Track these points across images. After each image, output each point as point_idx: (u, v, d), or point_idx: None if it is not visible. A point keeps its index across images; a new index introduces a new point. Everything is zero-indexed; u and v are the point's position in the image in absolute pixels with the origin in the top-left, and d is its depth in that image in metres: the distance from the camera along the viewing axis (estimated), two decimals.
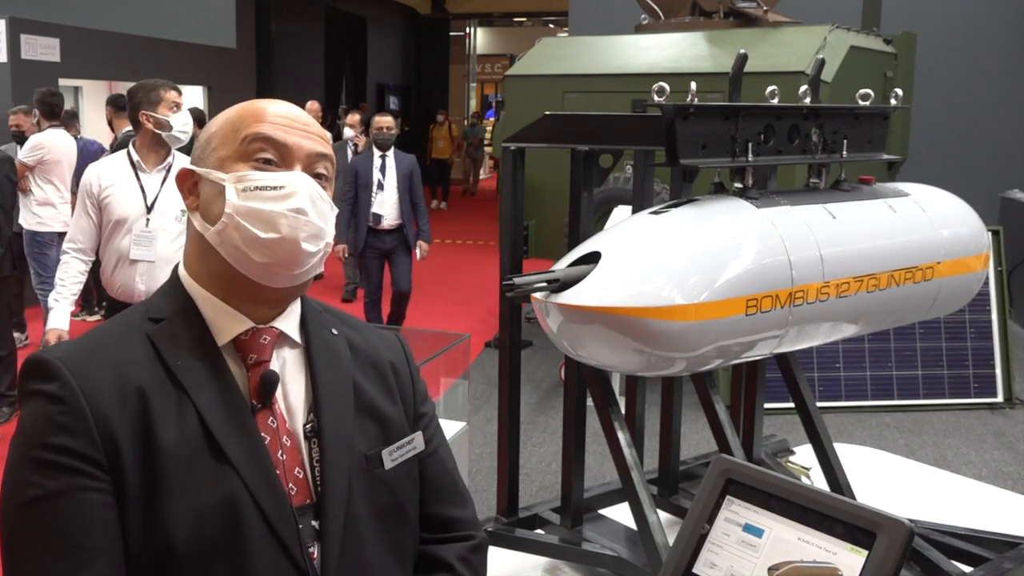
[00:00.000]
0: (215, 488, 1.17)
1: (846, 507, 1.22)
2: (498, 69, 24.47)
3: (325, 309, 1.40)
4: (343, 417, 1.30)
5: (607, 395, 2.20)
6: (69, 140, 6.94)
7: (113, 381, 1.17)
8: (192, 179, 1.29)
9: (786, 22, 6.99)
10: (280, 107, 1.29)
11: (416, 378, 1.45)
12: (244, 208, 1.22)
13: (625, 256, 1.91)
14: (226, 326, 1.26)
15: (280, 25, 16.73)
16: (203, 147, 1.29)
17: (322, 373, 1.31)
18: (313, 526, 1.24)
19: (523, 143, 2.31)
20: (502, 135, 8.72)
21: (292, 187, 1.23)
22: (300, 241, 1.23)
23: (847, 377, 6.11)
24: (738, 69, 2.16)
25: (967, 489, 3.19)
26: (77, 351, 1.20)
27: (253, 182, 1.23)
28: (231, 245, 1.22)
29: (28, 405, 1.18)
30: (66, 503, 1.12)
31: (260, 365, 1.26)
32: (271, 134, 1.25)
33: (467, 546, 1.43)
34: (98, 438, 1.14)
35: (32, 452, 1.14)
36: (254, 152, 1.25)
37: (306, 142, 1.27)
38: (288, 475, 1.23)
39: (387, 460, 1.33)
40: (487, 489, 4.67)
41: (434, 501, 1.41)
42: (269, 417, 1.25)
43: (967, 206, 2.54)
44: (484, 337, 7.55)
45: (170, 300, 1.28)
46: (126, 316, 1.28)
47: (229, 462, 1.18)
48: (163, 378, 1.20)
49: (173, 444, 1.16)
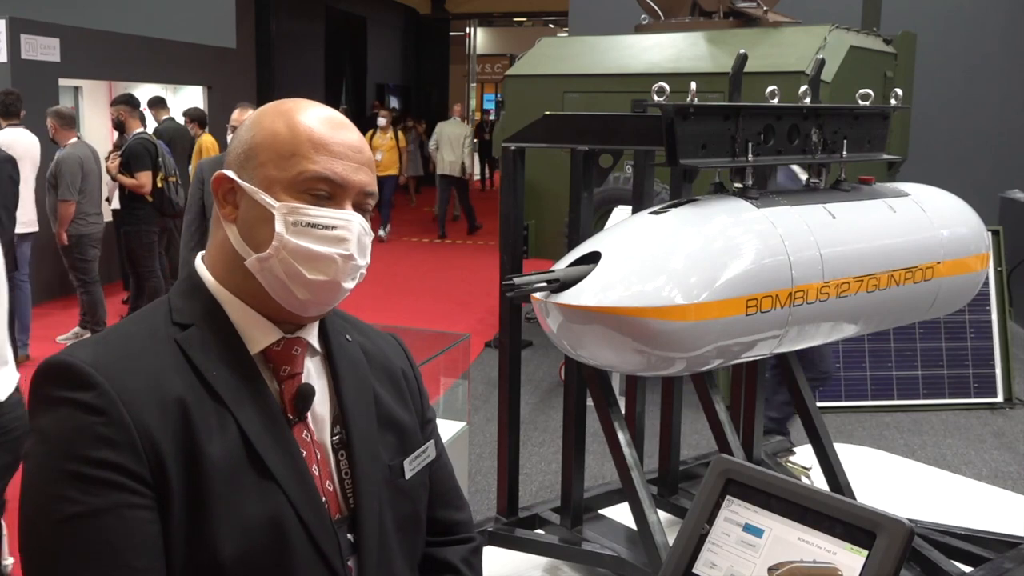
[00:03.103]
0: (260, 505, 1.14)
1: (846, 507, 1.22)
2: (498, 69, 24.48)
3: (336, 313, 1.37)
4: (368, 428, 1.29)
5: (607, 395, 2.20)
6: (31, 139, 6.91)
7: (151, 390, 1.12)
8: (229, 185, 1.22)
9: (786, 22, 6.99)
10: (331, 128, 1.22)
11: (421, 383, 1.46)
12: (294, 245, 1.17)
13: (625, 256, 1.91)
14: (258, 335, 1.22)
15: (280, 25, 16.74)
16: (245, 156, 1.22)
17: (346, 383, 1.30)
18: (348, 539, 1.23)
19: (523, 143, 2.31)
20: (502, 135, 8.71)
21: (344, 229, 1.20)
22: (343, 283, 1.21)
23: (847, 377, 6.11)
24: (738, 69, 2.16)
25: (967, 489, 3.18)
26: (107, 355, 1.13)
27: (306, 218, 1.18)
28: (272, 276, 1.19)
29: (55, 414, 1.10)
30: (112, 521, 1.07)
31: (294, 378, 1.24)
32: (330, 175, 1.19)
33: (468, 548, 1.45)
34: (143, 452, 1.09)
35: (68, 466, 1.07)
36: (309, 186, 1.19)
37: (358, 177, 1.22)
38: (322, 488, 1.23)
39: (407, 470, 1.33)
40: (487, 489, 4.67)
41: (439, 505, 1.42)
42: (303, 431, 1.23)
43: (967, 206, 2.53)
44: (484, 337, 7.55)
45: (195, 304, 1.22)
46: (148, 318, 1.22)
47: (272, 477, 1.16)
48: (199, 389, 1.15)
49: (217, 458, 1.13)
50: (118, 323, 1.26)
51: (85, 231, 7.06)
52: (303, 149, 1.19)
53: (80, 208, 6.98)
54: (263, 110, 1.26)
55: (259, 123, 1.23)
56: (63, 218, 6.95)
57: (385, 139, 13.06)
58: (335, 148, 1.21)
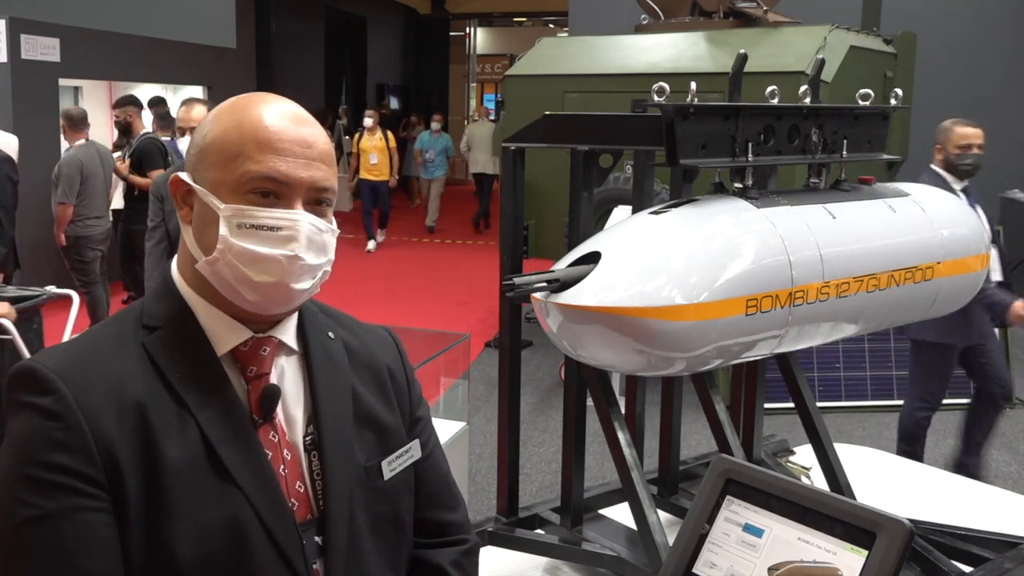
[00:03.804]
0: (219, 507, 1.14)
1: (846, 507, 1.22)
2: (498, 69, 24.45)
3: (321, 309, 1.37)
4: (343, 428, 1.27)
5: (607, 395, 2.20)
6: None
7: (110, 395, 1.13)
8: (185, 187, 1.22)
9: (786, 22, 6.99)
10: (281, 124, 1.20)
11: (412, 381, 1.43)
12: (238, 247, 1.16)
13: (625, 256, 1.91)
14: (225, 336, 1.22)
15: (280, 25, 16.74)
16: (198, 158, 1.22)
17: (320, 382, 1.28)
18: (316, 542, 1.22)
19: (523, 143, 2.31)
20: (502, 135, 8.69)
21: (290, 229, 1.17)
22: (292, 285, 1.19)
23: (847, 377, 6.11)
24: (738, 69, 2.16)
25: (967, 489, 3.18)
26: (70, 361, 1.15)
27: (250, 219, 1.16)
28: (222, 279, 1.18)
29: (19, 419, 1.12)
30: (66, 524, 1.08)
31: (260, 378, 1.23)
32: (275, 175, 1.17)
33: (460, 550, 1.41)
34: (97, 456, 1.10)
35: (26, 470, 1.09)
36: (253, 187, 1.17)
37: (308, 173, 1.19)
38: (290, 490, 1.21)
39: (386, 471, 1.30)
40: (487, 489, 4.67)
41: (428, 506, 1.39)
42: (271, 432, 1.22)
43: (967, 206, 2.53)
44: (484, 337, 7.55)
45: (165, 306, 1.23)
46: (119, 322, 1.23)
47: (233, 481, 1.15)
48: (162, 392, 1.16)
49: (175, 462, 1.13)
50: (90, 327, 1.26)
51: (84, 233, 7.07)
52: (247, 149, 1.18)
53: (78, 211, 6.99)
54: (220, 107, 1.24)
55: (213, 122, 1.22)
56: (60, 220, 6.99)
57: (374, 140, 12.12)
58: (281, 146, 1.18)
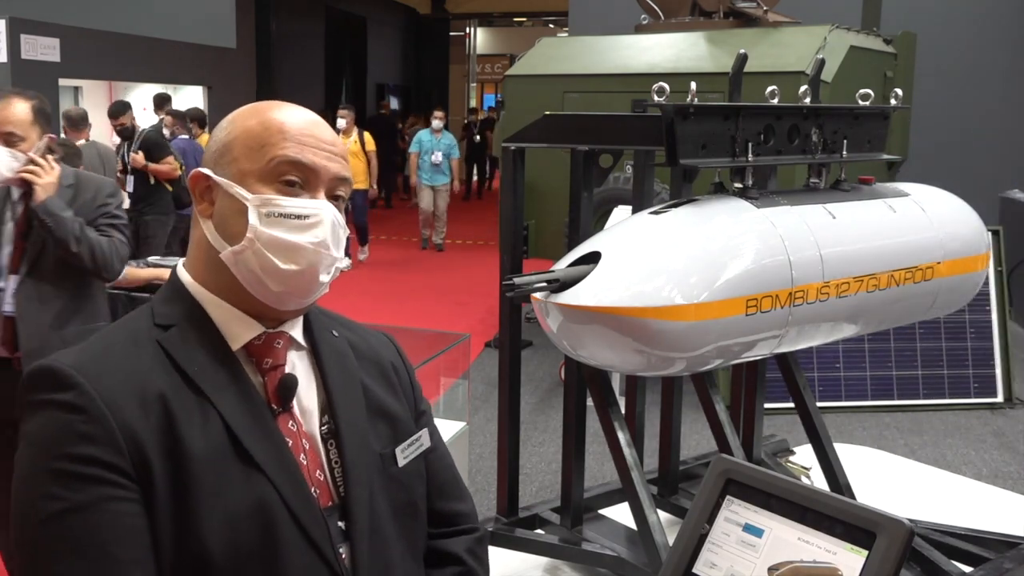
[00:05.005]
0: (245, 493, 1.16)
1: (846, 507, 1.22)
2: (498, 69, 24.47)
3: (321, 311, 1.40)
4: (357, 417, 1.31)
5: (607, 395, 2.20)
6: None
7: (132, 389, 1.14)
8: (206, 183, 1.25)
9: (786, 22, 6.99)
10: (303, 121, 1.25)
11: (413, 376, 1.47)
12: (267, 235, 1.19)
13: (625, 256, 1.91)
14: (238, 331, 1.24)
15: (280, 25, 16.76)
16: (220, 152, 1.25)
17: (332, 375, 1.31)
18: (340, 527, 1.24)
19: (523, 143, 2.31)
20: (502, 135, 8.71)
21: (317, 217, 1.21)
22: (319, 274, 1.22)
23: (847, 377, 6.11)
24: (738, 69, 2.16)
25: (967, 489, 3.18)
26: (87, 359, 1.16)
27: (278, 208, 1.20)
28: (247, 269, 1.21)
29: (39, 416, 1.13)
30: (96, 515, 1.09)
31: (276, 369, 1.25)
32: (300, 158, 1.22)
33: (472, 538, 1.46)
34: (124, 447, 1.11)
35: (53, 465, 1.10)
36: (280, 174, 1.21)
37: (331, 164, 1.25)
38: (311, 477, 1.24)
39: (400, 458, 1.34)
40: (487, 489, 4.67)
41: (438, 496, 1.43)
42: (289, 421, 1.25)
43: (967, 206, 2.53)
44: (484, 337, 7.55)
45: (176, 306, 1.25)
46: (130, 323, 1.26)
47: (258, 467, 1.17)
48: (181, 385, 1.17)
49: (200, 450, 1.14)
50: (102, 330, 1.28)
51: None
52: (274, 139, 1.22)
53: None
54: (237, 112, 1.29)
55: (233, 122, 1.27)
56: None
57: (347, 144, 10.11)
58: (305, 139, 1.23)
